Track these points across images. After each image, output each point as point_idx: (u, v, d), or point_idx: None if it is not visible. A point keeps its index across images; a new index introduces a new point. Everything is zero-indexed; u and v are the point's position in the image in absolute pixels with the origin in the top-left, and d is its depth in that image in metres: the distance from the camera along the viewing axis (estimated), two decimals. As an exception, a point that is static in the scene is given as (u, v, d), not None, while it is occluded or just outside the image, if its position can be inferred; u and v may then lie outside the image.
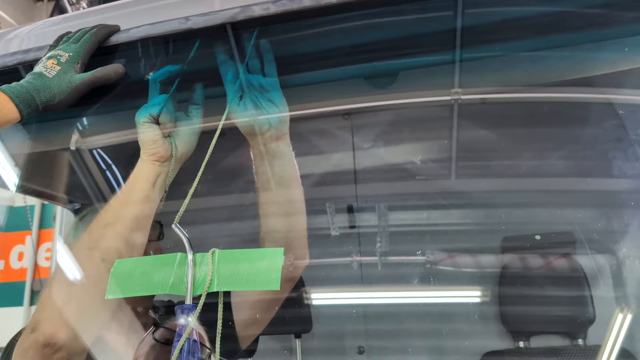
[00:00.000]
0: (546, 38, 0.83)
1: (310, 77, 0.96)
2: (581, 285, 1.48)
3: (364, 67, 0.93)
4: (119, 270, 0.69)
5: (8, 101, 0.79)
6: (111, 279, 0.68)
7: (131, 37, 0.90)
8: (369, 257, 1.81)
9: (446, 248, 1.71)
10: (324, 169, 1.57)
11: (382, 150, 1.60)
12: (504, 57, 0.91)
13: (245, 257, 0.66)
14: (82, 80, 0.86)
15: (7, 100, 0.79)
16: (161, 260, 0.69)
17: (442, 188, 1.66)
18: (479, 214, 1.70)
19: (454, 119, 1.43)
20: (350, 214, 1.85)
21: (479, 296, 1.66)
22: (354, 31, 0.88)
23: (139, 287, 0.68)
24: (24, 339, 0.80)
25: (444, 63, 0.93)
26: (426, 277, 1.70)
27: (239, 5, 0.84)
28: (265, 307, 0.97)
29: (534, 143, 1.45)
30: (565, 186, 1.51)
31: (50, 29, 1.11)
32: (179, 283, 0.66)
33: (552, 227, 1.59)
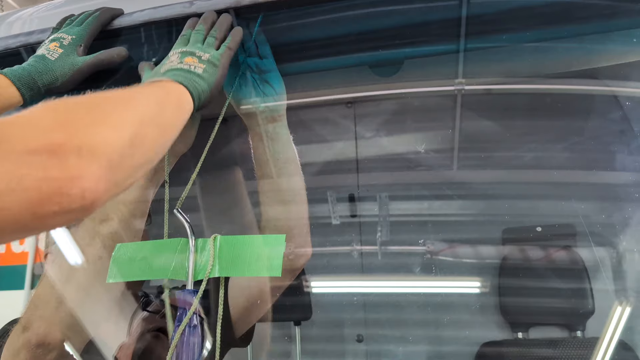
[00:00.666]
0: (551, 29, 0.83)
1: (314, 65, 0.96)
2: (581, 277, 1.48)
3: (369, 55, 0.93)
4: (119, 255, 0.69)
5: (9, 84, 0.79)
6: (112, 263, 0.68)
7: (134, 20, 0.89)
8: (369, 247, 1.82)
9: (447, 238, 1.71)
10: (326, 158, 1.57)
11: (385, 140, 1.59)
12: (508, 48, 0.90)
13: (247, 243, 0.67)
14: (85, 62, 0.85)
15: (8, 83, 0.78)
16: (163, 245, 0.69)
17: (444, 178, 1.66)
18: (480, 204, 1.70)
19: (457, 109, 1.42)
20: (351, 203, 1.85)
21: (479, 287, 1.66)
22: (359, 18, 0.87)
23: (140, 271, 0.68)
24: (15, 338, 0.78)
25: (448, 52, 0.93)
26: (426, 267, 1.71)
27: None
28: (263, 296, 0.97)
29: (537, 134, 1.45)
30: (567, 178, 1.51)
31: (53, 12, 1.11)
32: (180, 268, 0.66)
33: (553, 219, 1.58)
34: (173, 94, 0.66)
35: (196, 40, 0.78)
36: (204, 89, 0.71)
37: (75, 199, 0.46)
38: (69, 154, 0.45)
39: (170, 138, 0.60)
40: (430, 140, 1.53)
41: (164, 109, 0.61)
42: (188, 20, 0.82)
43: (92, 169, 0.47)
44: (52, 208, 0.45)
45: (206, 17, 0.82)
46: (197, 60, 0.74)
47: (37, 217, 0.44)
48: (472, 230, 1.67)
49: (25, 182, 0.43)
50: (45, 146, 0.45)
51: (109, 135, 0.50)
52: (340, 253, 1.80)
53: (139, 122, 0.54)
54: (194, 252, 0.66)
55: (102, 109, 0.52)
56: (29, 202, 0.43)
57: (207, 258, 0.66)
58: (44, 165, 0.44)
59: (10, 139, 0.44)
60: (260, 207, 0.94)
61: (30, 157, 0.44)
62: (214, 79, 0.73)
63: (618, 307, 1.29)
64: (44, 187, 0.44)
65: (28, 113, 0.47)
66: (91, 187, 0.46)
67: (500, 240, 1.65)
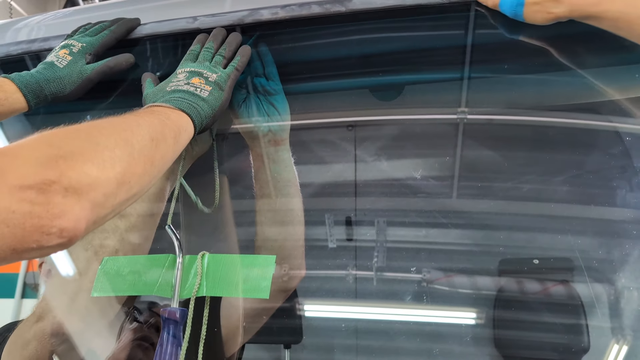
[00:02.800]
0: (556, 61, 0.82)
1: (316, 86, 0.95)
2: (577, 313, 1.46)
3: (370, 79, 0.93)
4: (107, 268, 0.68)
5: (16, 90, 0.78)
6: (99, 276, 0.67)
7: (137, 34, 0.89)
8: (364, 272, 1.80)
9: (443, 267, 1.69)
10: (324, 180, 1.56)
11: (384, 164, 1.59)
12: (511, 78, 0.90)
13: (235, 262, 0.65)
14: (94, 70, 0.85)
15: (15, 89, 0.78)
16: (151, 260, 0.68)
17: (442, 206, 1.65)
18: (478, 234, 1.69)
19: (458, 138, 1.42)
20: (348, 226, 1.84)
21: (473, 318, 1.64)
22: (362, 42, 0.87)
23: (127, 286, 0.66)
24: (26, 329, 0.77)
25: (451, 80, 0.92)
26: (420, 295, 1.69)
27: (248, 8, 0.84)
28: (254, 316, 0.95)
29: (538, 166, 1.44)
30: (566, 212, 1.50)
31: (61, 21, 1.11)
32: (166, 285, 0.65)
33: (551, 253, 1.57)
34: (172, 125, 0.65)
35: (204, 58, 0.78)
36: (208, 113, 0.71)
37: (53, 238, 0.46)
38: (56, 192, 0.46)
39: (160, 172, 0.61)
40: (430, 167, 1.53)
41: (158, 144, 0.61)
42: (198, 35, 0.82)
43: (75, 209, 0.47)
44: (31, 245, 0.45)
45: (216, 34, 0.82)
46: (203, 82, 0.73)
47: (15, 252, 0.45)
48: (469, 260, 1.66)
49: (13, 218, 0.44)
50: (37, 183, 0.46)
51: (96, 175, 0.50)
52: (334, 277, 1.78)
53: (128, 159, 0.54)
54: (181, 269, 0.65)
55: (95, 144, 0.53)
56: (12, 238, 0.44)
57: (194, 276, 0.64)
58: (32, 202, 0.45)
59: (6, 172, 0.45)
60: (257, 226, 0.93)
61: (22, 192, 0.45)
62: (219, 102, 0.73)
63: (614, 345, 1.27)
64: (27, 224, 0.45)
65: (24, 145, 0.49)
66: (70, 226, 0.47)
67: (497, 271, 1.63)
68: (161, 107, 0.67)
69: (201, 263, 0.64)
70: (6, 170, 0.45)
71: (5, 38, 1.06)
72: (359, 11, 0.79)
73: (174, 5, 0.97)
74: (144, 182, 0.57)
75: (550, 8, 0.71)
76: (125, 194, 0.53)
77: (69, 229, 0.47)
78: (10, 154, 0.47)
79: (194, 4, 0.93)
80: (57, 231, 0.46)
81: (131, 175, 0.54)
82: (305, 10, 0.80)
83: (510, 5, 0.74)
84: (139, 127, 0.60)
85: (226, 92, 0.75)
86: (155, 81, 0.78)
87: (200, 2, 0.92)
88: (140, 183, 0.56)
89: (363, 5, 0.78)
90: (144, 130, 0.59)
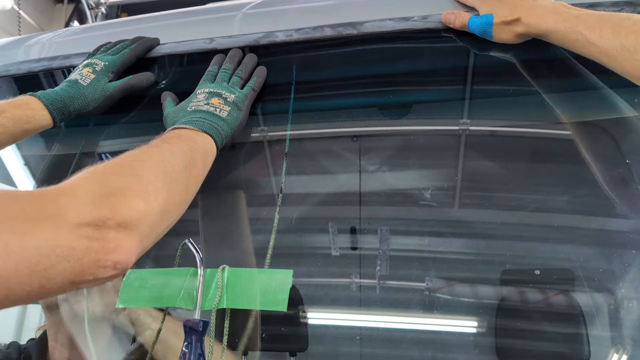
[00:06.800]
0: (559, 81, 0.86)
1: (327, 104, 0.99)
2: (578, 323, 1.48)
3: (380, 97, 0.96)
4: (131, 280, 0.71)
5: (42, 108, 0.82)
6: (123, 288, 0.70)
7: (156, 53, 0.93)
8: (368, 280, 1.82)
9: (445, 276, 1.72)
10: (330, 189, 1.59)
11: (388, 175, 1.62)
12: (515, 97, 0.93)
13: (254, 276, 0.68)
14: (116, 87, 0.89)
15: (41, 106, 0.82)
16: (173, 273, 0.71)
17: (445, 216, 1.68)
18: (480, 244, 1.71)
19: (460, 149, 1.45)
20: (352, 235, 1.86)
21: (475, 327, 1.66)
22: (372, 62, 0.90)
23: (149, 298, 0.69)
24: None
25: (456, 99, 0.96)
26: (423, 304, 1.71)
27: (263, 30, 0.87)
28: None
29: (539, 177, 1.47)
30: (567, 223, 1.53)
31: (71, 38, 1.14)
32: (188, 297, 0.68)
33: (552, 263, 1.59)
34: (200, 149, 0.70)
35: (222, 79, 0.81)
36: (227, 133, 0.75)
37: (108, 270, 0.50)
38: (110, 228, 0.50)
39: (192, 197, 0.65)
40: (433, 177, 1.56)
41: (191, 171, 0.65)
42: (215, 56, 0.85)
43: (128, 243, 0.52)
44: (87, 277, 0.50)
45: (232, 55, 0.85)
46: (222, 102, 0.77)
47: (73, 284, 0.49)
48: (471, 269, 1.68)
49: (74, 254, 0.48)
50: (93, 221, 0.49)
51: (144, 209, 0.54)
52: (338, 285, 1.80)
53: (169, 191, 0.59)
54: (202, 282, 0.68)
55: (140, 178, 0.57)
56: (71, 273, 0.48)
57: (214, 289, 0.67)
58: (89, 238, 0.49)
59: (66, 211, 0.48)
60: None
61: (81, 230, 0.49)
62: (237, 122, 0.77)
63: (614, 355, 1.30)
64: (86, 260, 0.49)
65: (77, 183, 0.52)
66: (123, 259, 0.51)
67: (499, 281, 1.66)
68: (186, 129, 0.70)
69: (221, 276, 0.67)
70: (65, 209, 0.49)
71: (18, 54, 1.10)
72: (369, 34, 0.82)
73: (190, 24, 1.00)
74: (181, 210, 0.61)
75: (513, 27, 0.79)
76: (166, 222, 0.58)
77: (122, 262, 0.51)
78: (67, 193, 0.51)
79: (201, 24, 0.96)
80: (112, 264, 0.50)
81: (171, 204, 0.58)
82: (318, 32, 0.83)
83: (480, 25, 0.80)
84: (173, 156, 0.63)
85: (243, 112, 0.79)
86: (175, 100, 0.82)
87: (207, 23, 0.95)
88: (177, 211, 0.60)
89: (374, 29, 0.81)
90: (179, 159, 0.63)
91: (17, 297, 0.46)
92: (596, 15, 0.74)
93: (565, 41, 0.76)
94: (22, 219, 0.47)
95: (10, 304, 0.47)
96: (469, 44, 0.84)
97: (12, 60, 1.07)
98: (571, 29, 0.74)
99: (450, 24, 0.83)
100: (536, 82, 0.87)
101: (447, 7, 0.84)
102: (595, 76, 0.83)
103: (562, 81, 0.87)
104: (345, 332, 1.76)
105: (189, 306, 0.67)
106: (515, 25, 0.78)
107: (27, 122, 0.81)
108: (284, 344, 1.70)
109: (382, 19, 0.81)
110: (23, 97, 0.84)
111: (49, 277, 0.46)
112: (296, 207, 1.43)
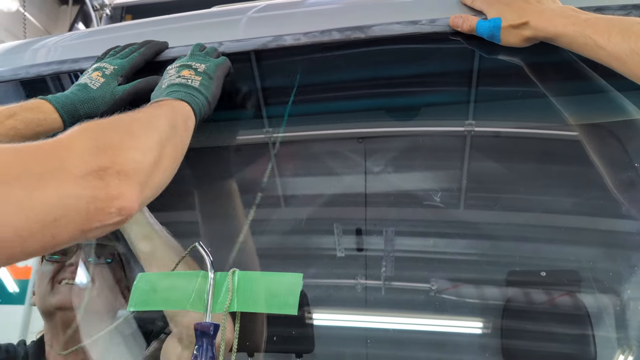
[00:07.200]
0: (566, 84, 0.86)
1: (335, 106, 0.99)
2: (584, 324, 1.48)
3: (388, 100, 0.96)
4: (142, 284, 0.72)
5: (53, 111, 0.84)
6: (134, 292, 0.71)
7: (164, 57, 0.93)
8: (373, 281, 1.82)
9: (451, 277, 1.72)
10: (335, 190, 1.59)
11: (393, 176, 1.62)
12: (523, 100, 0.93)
13: (263, 279, 0.69)
14: (125, 91, 0.90)
15: (52, 110, 0.84)
16: (184, 277, 0.72)
17: (450, 217, 1.68)
18: (485, 245, 1.71)
19: (466, 150, 1.45)
20: (357, 236, 1.86)
21: (481, 328, 1.66)
22: (380, 65, 0.91)
23: (160, 301, 0.70)
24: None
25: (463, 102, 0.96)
26: (429, 304, 1.71)
27: (270, 34, 0.88)
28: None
29: (545, 179, 1.47)
30: (573, 223, 1.53)
31: (77, 42, 1.15)
32: (199, 300, 0.69)
33: (558, 264, 1.59)
34: (179, 113, 0.75)
35: (194, 51, 0.84)
36: (203, 103, 0.78)
37: (114, 216, 0.54)
38: (110, 176, 0.54)
39: (182, 155, 0.70)
40: (439, 178, 1.56)
41: (176, 129, 0.69)
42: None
43: (128, 189, 0.55)
44: (95, 224, 0.53)
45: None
46: (193, 73, 0.80)
47: (83, 233, 0.52)
48: (477, 270, 1.68)
49: (81, 203, 0.51)
50: (94, 170, 0.53)
51: (139, 159, 0.58)
52: (343, 286, 1.80)
53: (160, 144, 0.63)
54: (213, 286, 0.68)
55: (132, 133, 0.62)
56: (80, 222, 0.52)
57: (225, 292, 0.68)
58: (93, 187, 0.52)
59: (66, 163, 0.51)
60: None
61: (83, 180, 0.52)
62: (210, 91, 0.79)
63: (620, 356, 1.30)
64: (92, 207, 0.53)
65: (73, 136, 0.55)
66: (126, 205, 0.55)
67: (505, 282, 1.66)
68: (166, 101, 0.74)
69: (232, 280, 0.68)
70: (65, 160, 0.52)
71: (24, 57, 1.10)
72: (377, 37, 0.83)
73: (197, 28, 1.01)
74: (173, 164, 0.68)
75: (522, 30, 0.79)
76: (162, 174, 0.62)
77: (126, 208, 0.54)
78: (65, 145, 0.54)
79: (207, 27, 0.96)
80: (116, 210, 0.53)
81: (163, 157, 0.62)
82: (326, 36, 0.84)
83: (488, 28, 0.81)
84: (158, 117, 0.68)
85: (215, 80, 0.81)
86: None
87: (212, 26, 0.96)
88: (170, 165, 0.65)
89: (382, 32, 0.82)
90: (164, 119, 0.68)
91: (32, 249, 0.49)
92: (605, 19, 0.74)
93: (573, 45, 0.76)
94: (27, 174, 0.50)
95: (26, 256, 0.50)
96: (476, 47, 0.84)
97: (19, 63, 1.07)
98: (580, 33, 0.74)
99: (458, 27, 0.83)
100: (544, 85, 0.87)
101: (454, 10, 0.85)
102: (604, 79, 0.83)
103: (569, 84, 0.88)
104: (352, 334, 1.77)
105: (199, 309, 0.67)
106: (524, 28, 0.79)
107: (39, 125, 0.82)
108: (290, 345, 1.70)
109: (389, 23, 0.81)
110: (34, 100, 0.85)
111: (59, 226, 0.49)
112: (302, 209, 1.43)
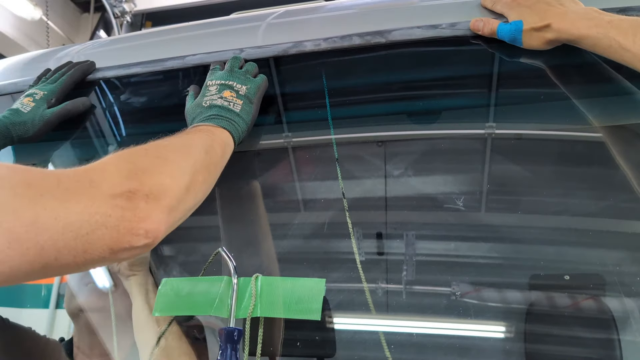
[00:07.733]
0: (590, 86, 0.85)
1: (356, 111, 0.99)
2: (609, 328, 1.46)
3: (409, 104, 0.96)
4: (166, 289, 0.72)
5: None
6: (159, 297, 0.71)
7: (186, 63, 0.94)
8: (394, 285, 1.81)
9: (472, 281, 1.70)
10: (355, 194, 1.59)
11: (413, 179, 1.61)
12: (545, 103, 0.92)
13: (287, 284, 0.69)
14: (54, 113, 0.96)
15: None
16: (207, 282, 0.72)
17: (471, 220, 1.67)
18: (507, 249, 1.69)
19: (487, 153, 1.44)
20: (378, 240, 1.86)
21: (504, 332, 1.64)
22: (400, 69, 0.91)
23: (185, 307, 0.71)
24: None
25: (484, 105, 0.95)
26: (451, 308, 1.70)
27: (289, 40, 0.88)
28: None
29: (567, 181, 1.45)
30: (597, 227, 1.51)
31: (99, 50, 1.17)
32: (222, 306, 0.69)
33: (582, 267, 1.57)
34: (218, 140, 0.76)
35: (232, 67, 0.84)
36: (243, 129, 0.79)
37: (141, 238, 0.55)
38: (140, 199, 0.55)
39: (215, 180, 0.70)
40: (459, 181, 1.55)
41: (211, 155, 0.71)
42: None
43: (156, 212, 0.57)
44: (124, 245, 0.55)
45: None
46: (234, 95, 0.80)
47: (113, 253, 0.54)
48: (499, 274, 1.66)
49: (110, 221, 0.53)
50: (124, 191, 0.54)
51: (170, 184, 0.59)
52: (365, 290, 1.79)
53: (192, 170, 0.64)
54: (237, 291, 0.69)
55: (164, 158, 0.62)
56: (109, 239, 0.54)
57: (248, 297, 0.68)
58: (123, 208, 0.54)
59: (98, 183, 0.53)
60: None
61: (114, 200, 0.54)
62: (250, 117, 0.81)
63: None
64: (121, 227, 0.55)
65: (107, 161, 0.57)
66: (154, 228, 0.56)
67: (527, 285, 1.64)
68: (204, 125, 0.75)
69: (255, 285, 0.68)
70: (99, 181, 0.55)
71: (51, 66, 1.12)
72: (397, 42, 0.83)
73: (217, 35, 1.02)
74: (205, 189, 0.67)
75: (544, 33, 0.78)
76: (192, 199, 0.63)
77: (152, 230, 0.56)
78: (98, 168, 0.56)
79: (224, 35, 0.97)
80: (144, 232, 0.55)
81: (195, 182, 0.64)
82: (346, 41, 0.84)
83: (509, 32, 0.80)
84: (194, 142, 0.70)
85: (255, 105, 0.83)
86: (196, 94, 0.85)
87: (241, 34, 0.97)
88: (202, 190, 0.67)
89: (402, 37, 0.82)
90: (199, 145, 0.70)
91: (65, 261, 0.51)
92: (629, 21, 0.73)
93: (597, 47, 0.76)
94: (61, 188, 0.52)
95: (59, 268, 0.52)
96: (497, 50, 0.84)
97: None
98: (604, 35, 0.74)
99: (479, 31, 0.83)
100: (567, 87, 0.86)
101: (475, 14, 0.84)
102: (629, 81, 0.82)
103: (593, 86, 0.87)
104: (372, 337, 1.76)
105: (223, 314, 0.68)
106: (546, 31, 0.78)
107: None
108: (312, 349, 1.70)
109: (410, 27, 0.81)
110: None
111: (90, 241, 0.51)
112: (322, 213, 1.44)
